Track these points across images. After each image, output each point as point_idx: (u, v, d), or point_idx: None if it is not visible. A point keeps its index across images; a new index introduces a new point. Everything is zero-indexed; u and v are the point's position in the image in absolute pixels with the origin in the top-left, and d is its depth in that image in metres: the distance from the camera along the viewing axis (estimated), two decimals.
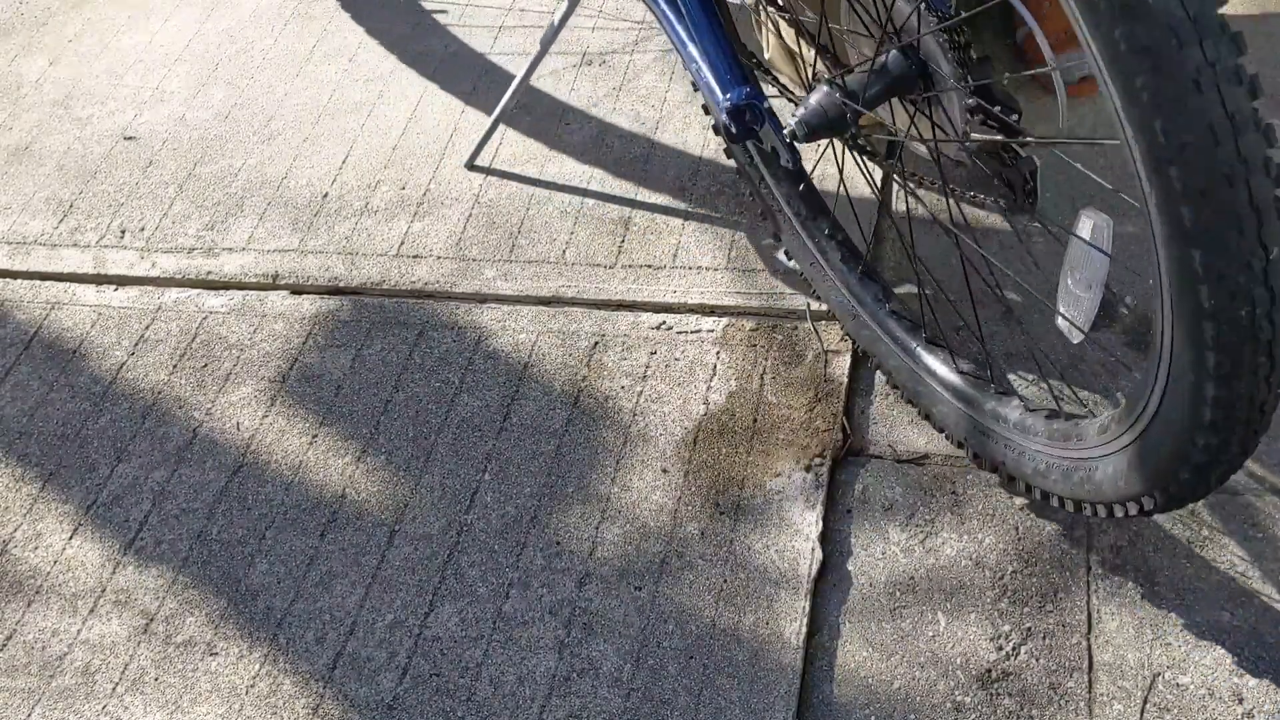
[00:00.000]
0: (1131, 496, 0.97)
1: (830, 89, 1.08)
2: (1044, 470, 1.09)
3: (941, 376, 1.20)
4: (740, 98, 1.11)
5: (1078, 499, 1.05)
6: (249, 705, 1.16)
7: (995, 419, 1.14)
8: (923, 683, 1.09)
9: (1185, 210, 0.75)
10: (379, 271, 1.55)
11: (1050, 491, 1.09)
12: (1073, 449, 1.04)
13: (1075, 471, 1.04)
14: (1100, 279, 1.12)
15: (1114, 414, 0.98)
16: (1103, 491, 1.01)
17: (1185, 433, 0.88)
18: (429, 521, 1.28)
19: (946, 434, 1.23)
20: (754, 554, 1.20)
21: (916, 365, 1.22)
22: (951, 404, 1.19)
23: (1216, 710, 1.04)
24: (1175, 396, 0.87)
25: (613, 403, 1.36)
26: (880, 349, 1.28)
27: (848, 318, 1.32)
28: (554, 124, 1.72)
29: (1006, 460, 1.14)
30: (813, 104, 1.09)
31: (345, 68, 1.89)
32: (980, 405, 1.16)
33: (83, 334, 1.55)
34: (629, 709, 1.11)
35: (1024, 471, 1.12)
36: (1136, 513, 0.99)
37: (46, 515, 1.36)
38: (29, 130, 1.88)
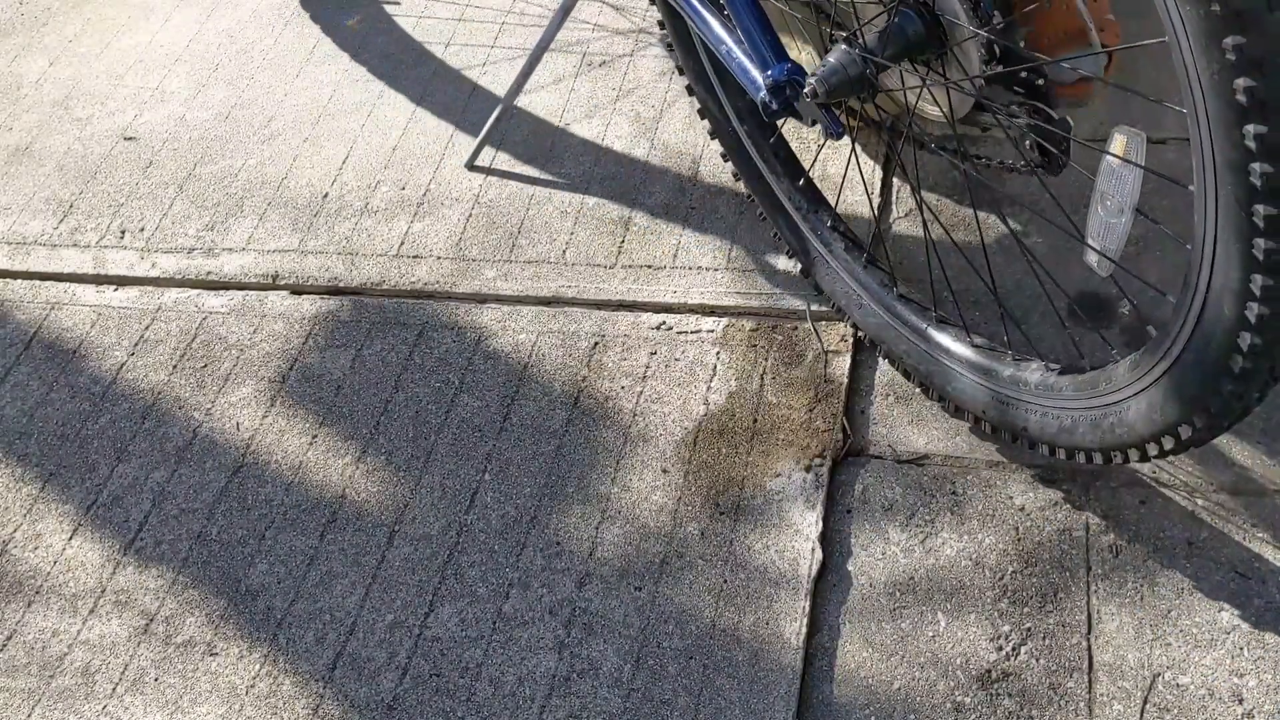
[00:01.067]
0: (1168, 429, 0.97)
1: (848, 47, 1.08)
2: (1070, 426, 1.09)
3: (955, 353, 1.20)
4: (782, 73, 1.13)
5: (1107, 447, 1.05)
6: (249, 705, 1.16)
7: (1015, 385, 1.14)
8: (923, 683, 1.09)
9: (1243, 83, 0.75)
10: (379, 271, 1.55)
11: (1077, 447, 1.09)
12: (1101, 395, 1.04)
13: (1105, 418, 1.04)
14: (1132, 202, 1.11)
15: (1146, 346, 0.98)
16: (1136, 430, 1.01)
17: (1229, 338, 0.87)
18: (429, 521, 1.28)
19: (964, 410, 1.23)
20: (754, 554, 1.20)
21: (929, 345, 1.23)
22: (968, 378, 1.19)
23: (1216, 710, 1.04)
24: (1218, 303, 0.86)
25: (613, 403, 1.36)
26: (889, 334, 1.28)
27: (854, 307, 1.32)
28: (554, 124, 1.72)
29: (1029, 425, 1.14)
30: (831, 62, 1.09)
31: (345, 68, 1.89)
32: (998, 374, 1.16)
33: (83, 334, 1.55)
34: (629, 709, 1.11)
35: (1048, 433, 1.12)
36: (1172, 447, 0.98)
37: (46, 515, 1.36)
38: (29, 130, 1.88)
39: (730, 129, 1.38)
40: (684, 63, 1.38)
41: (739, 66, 1.18)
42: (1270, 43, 0.73)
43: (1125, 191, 1.11)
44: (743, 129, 1.37)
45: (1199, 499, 1.17)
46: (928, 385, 1.26)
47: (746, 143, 1.38)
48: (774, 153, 1.36)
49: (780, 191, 1.36)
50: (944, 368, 1.22)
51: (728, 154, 1.42)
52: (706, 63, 1.35)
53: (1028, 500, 1.20)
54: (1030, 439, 1.15)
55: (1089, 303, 1.34)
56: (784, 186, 1.36)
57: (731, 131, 1.39)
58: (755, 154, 1.37)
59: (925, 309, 1.25)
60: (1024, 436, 1.16)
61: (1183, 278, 0.90)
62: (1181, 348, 0.92)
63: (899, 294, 1.27)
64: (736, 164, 1.41)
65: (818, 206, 1.35)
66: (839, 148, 1.57)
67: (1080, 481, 1.20)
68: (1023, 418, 1.14)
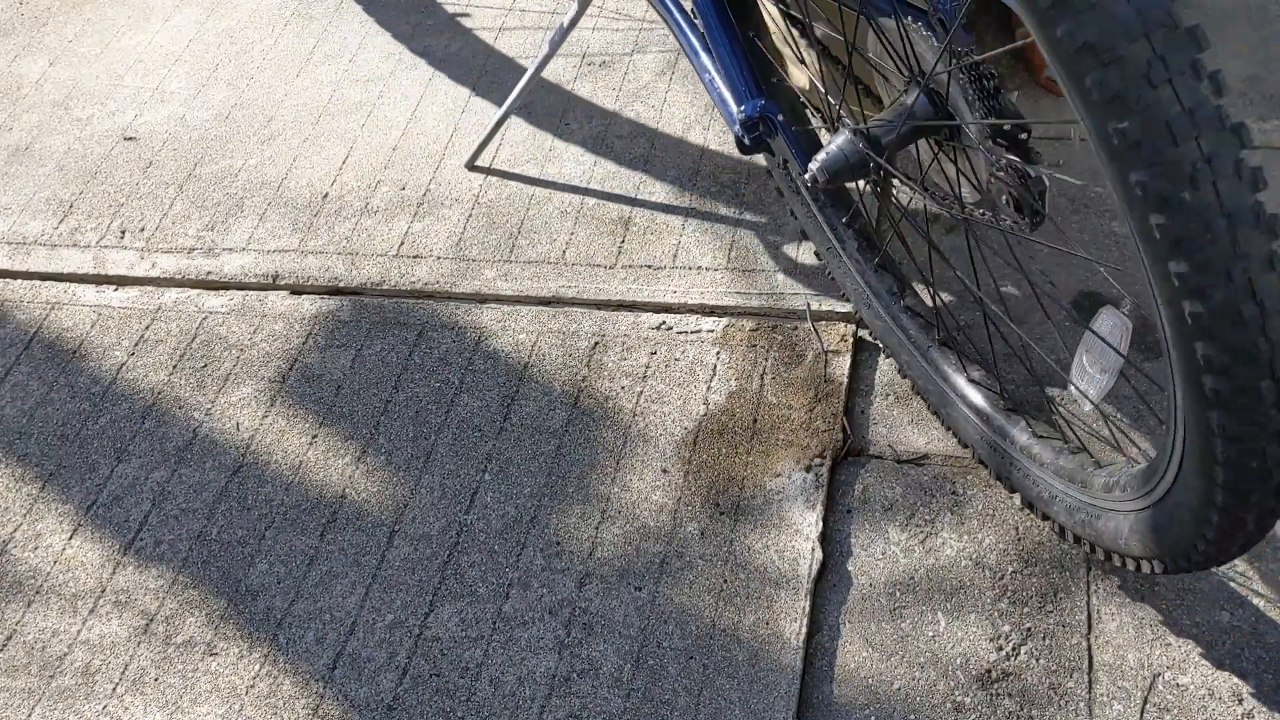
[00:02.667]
0: (1131, 553, 0.98)
1: (854, 136, 1.06)
2: (1048, 498, 1.10)
3: (954, 381, 1.20)
4: (755, 110, 1.12)
5: (1077, 534, 1.07)
6: (249, 705, 1.16)
7: (1004, 436, 1.14)
8: (923, 683, 1.09)
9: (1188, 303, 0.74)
10: (379, 271, 1.55)
11: (1050, 518, 1.11)
12: (1081, 491, 1.04)
13: (1078, 511, 1.05)
14: (1114, 370, 1.12)
15: (1129, 476, 0.97)
16: (1103, 540, 1.02)
17: (1192, 528, 0.87)
18: (429, 521, 1.28)
19: (955, 434, 1.23)
20: (754, 554, 1.20)
21: (930, 365, 1.23)
22: (963, 408, 1.19)
23: (1216, 710, 1.04)
24: (1186, 487, 0.86)
25: (613, 403, 1.36)
26: (892, 341, 1.29)
27: (863, 307, 1.33)
28: (554, 124, 1.72)
29: (1013, 477, 1.15)
30: (834, 149, 1.07)
31: (345, 68, 1.89)
32: (990, 419, 1.16)
33: (83, 334, 1.55)
34: (629, 709, 1.11)
35: (1030, 493, 1.13)
36: (1135, 568, 1.00)
37: (46, 515, 1.36)
38: (29, 130, 1.88)
39: None
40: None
41: (719, 97, 1.18)
42: (1194, 225, 0.71)
43: (1108, 360, 1.12)
44: None
45: None
46: (926, 399, 1.27)
47: None
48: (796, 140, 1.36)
49: (801, 183, 1.37)
50: (942, 390, 1.22)
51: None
52: None
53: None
54: (1011, 487, 1.16)
55: (1089, 303, 1.34)
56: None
57: None
58: None
59: (930, 326, 1.25)
60: (1006, 483, 1.17)
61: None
62: (1155, 501, 0.92)
63: (906, 305, 1.27)
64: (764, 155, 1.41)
65: (834, 201, 1.35)
66: None
67: None
68: (1007, 469, 1.15)
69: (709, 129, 1.66)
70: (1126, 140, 0.70)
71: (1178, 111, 0.69)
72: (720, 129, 1.65)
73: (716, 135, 1.64)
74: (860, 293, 1.31)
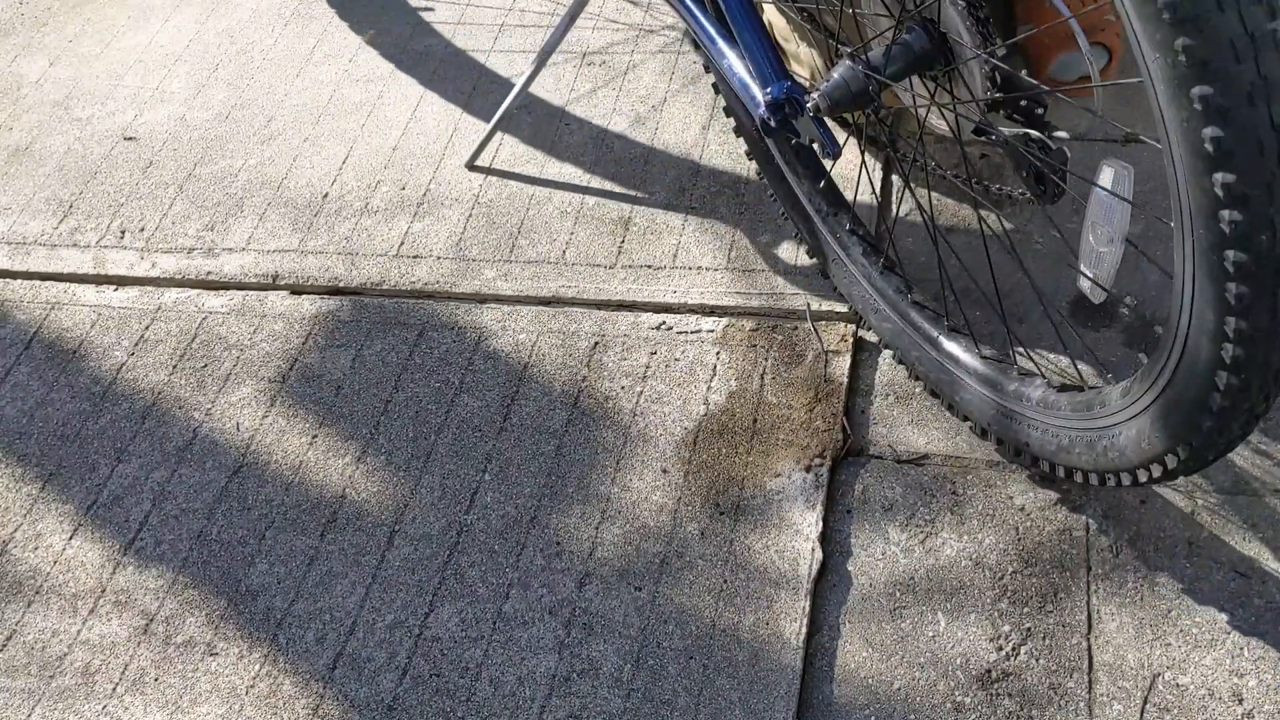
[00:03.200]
0: (1155, 458, 0.98)
1: (852, 62, 1.08)
2: (1067, 445, 1.09)
3: (964, 363, 1.21)
4: (781, 91, 1.13)
5: (1101, 469, 1.06)
6: (249, 705, 1.16)
7: (1018, 399, 1.14)
8: (923, 683, 1.09)
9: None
10: (379, 271, 1.55)
11: (1074, 467, 1.09)
12: (1096, 418, 1.04)
13: (1100, 440, 1.04)
14: (1122, 232, 1.12)
15: (1137, 374, 0.98)
16: (1127, 456, 1.01)
17: (1206, 377, 0.87)
18: (429, 521, 1.28)
19: (972, 422, 1.23)
20: (754, 554, 1.20)
21: (939, 354, 1.23)
22: (975, 389, 1.20)
23: (1216, 710, 1.04)
24: (1196, 341, 0.86)
25: (613, 403, 1.36)
26: (902, 340, 1.29)
27: (870, 311, 1.33)
28: (554, 124, 1.72)
29: (1030, 440, 1.14)
30: (835, 78, 1.09)
31: (345, 68, 1.89)
32: (1003, 388, 1.16)
33: (83, 334, 1.55)
34: (629, 709, 1.11)
35: (1048, 450, 1.12)
36: (1160, 474, 0.99)
37: (46, 515, 1.36)
38: (29, 130, 1.88)
39: (755, 129, 1.39)
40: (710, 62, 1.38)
41: (740, 83, 1.18)
42: (1235, 94, 0.73)
43: (1115, 223, 1.12)
44: None
45: (1199, 499, 1.17)
46: (938, 393, 1.27)
47: (770, 143, 1.38)
48: (795, 154, 1.36)
49: (801, 194, 1.37)
50: (953, 377, 1.22)
51: (752, 152, 1.42)
52: None
53: (1028, 500, 1.20)
54: (1031, 455, 1.15)
55: (1090, 302, 1.34)
56: (805, 188, 1.36)
57: (757, 131, 1.39)
58: (779, 155, 1.38)
59: (939, 316, 1.25)
60: (1025, 453, 1.16)
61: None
62: (1167, 380, 0.92)
63: (913, 300, 1.27)
64: (760, 164, 1.41)
65: (837, 209, 1.35)
66: None
67: (1080, 481, 1.20)
68: (1025, 433, 1.15)
69: (709, 129, 1.66)
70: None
71: None
72: (721, 129, 1.65)
73: (716, 135, 1.64)
74: (867, 298, 1.31)
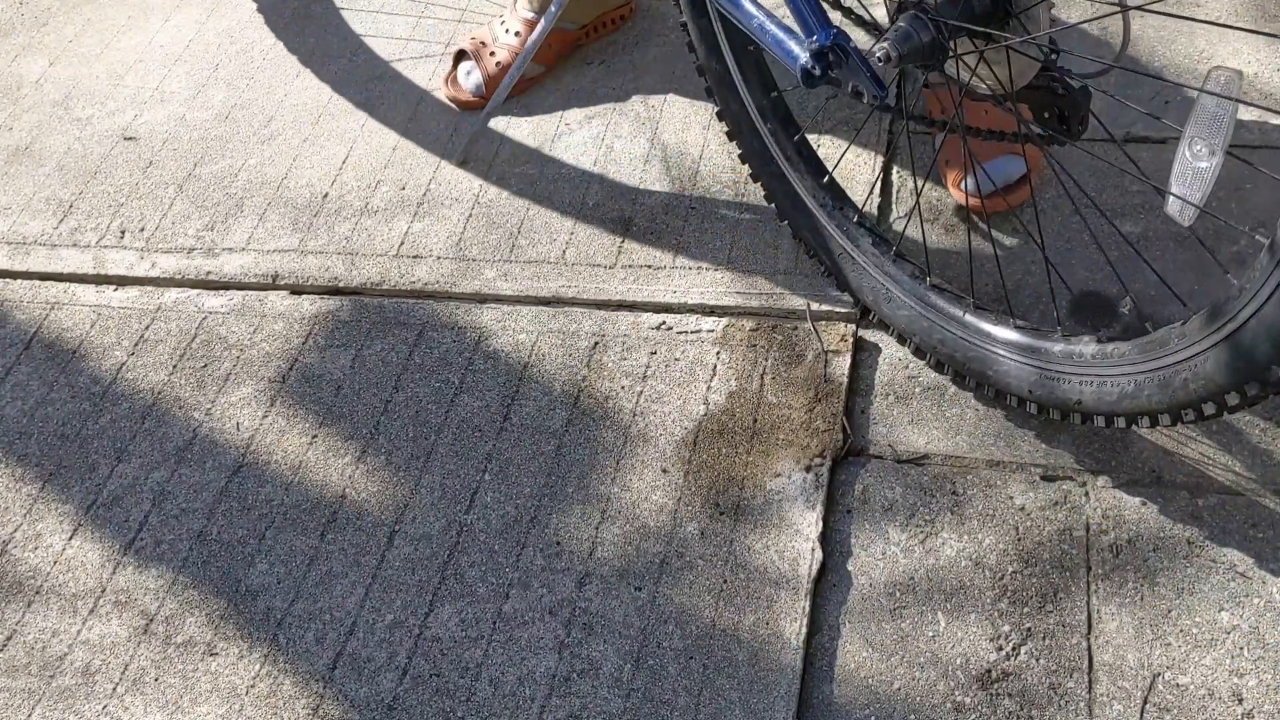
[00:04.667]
0: (1253, 375, 0.99)
1: (919, 12, 1.09)
2: (1133, 391, 1.10)
3: (998, 336, 1.21)
4: (826, 39, 1.14)
5: (1178, 406, 1.07)
6: (249, 705, 1.16)
7: (1068, 359, 1.15)
8: (923, 683, 1.09)
9: None
10: (379, 271, 1.55)
11: (1140, 411, 1.10)
12: (1172, 353, 1.05)
13: (1177, 375, 1.05)
14: (1223, 144, 1.12)
15: (1220, 300, 0.99)
16: (1215, 382, 1.02)
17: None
18: (429, 521, 1.28)
19: (1006, 394, 1.24)
20: (754, 554, 1.20)
21: (967, 332, 1.24)
22: (1012, 360, 1.20)
23: (1216, 710, 1.04)
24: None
25: (613, 403, 1.36)
26: (922, 326, 1.29)
27: (882, 302, 1.33)
28: (554, 124, 1.72)
29: (1083, 397, 1.15)
30: (902, 25, 1.10)
31: (345, 68, 1.89)
32: (1048, 352, 1.17)
33: (83, 334, 1.55)
34: (629, 709, 1.11)
35: (1107, 401, 1.13)
36: (1238, 402, 1.01)
37: (46, 515, 1.36)
38: (29, 130, 1.88)
39: (754, 128, 1.38)
40: (705, 64, 1.38)
41: (774, 40, 1.19)
42: None
43: (1219, 132, 1.11)
44: (766, 127, 1.37)
45: (1199, 499, 1.17)
46: (964, 373, 1.27)
47: (770, 141, 1.38)
48: (797, 150, 1.36)
49: (804, 190, 1.37)
50: (984, 353, 1.22)
51: (747, 156, 1.41)
52: (731, 62, 1.35)
53: (1028, 500, 1.20)
54: (1084, 412, 1.16)
55: (1090, 301, 1.34)
56: (808, 184, 1.36)
57: (754, 130, 1.38)
58: (778, 153, 1.38)
59: (961, 296, 1.26)
60: (1076, 411, 1.17)
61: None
62: (1269, 294, 0.94)
63: (932, 284, 1.27)
64: (756, 165, 1.41)
65: (842, 203, 1.35)
66: (857, 151, 1.57)
67: (1080, 481, 1.20)
68: (1076, 391, 1.15)
69: (709, 128, 1.66)
70: None
71: None
72: (721, 128, 1.65)
73: (717, 135, 1.64)
74: (879, 289, 1.32)
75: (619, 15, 1.83)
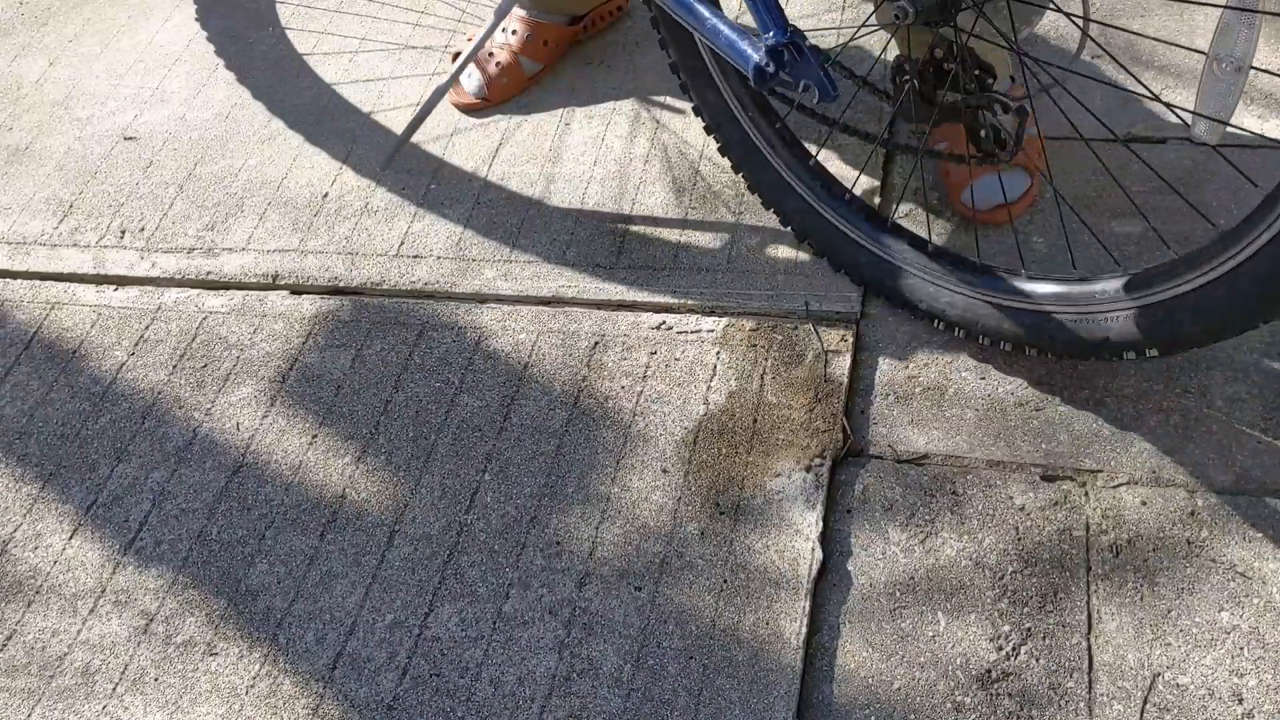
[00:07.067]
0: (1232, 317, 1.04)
1: None
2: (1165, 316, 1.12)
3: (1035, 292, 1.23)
4: (782, 37, 1.16)
5: (1215, 329, 1.09)
6: (249, 705, 1.16)
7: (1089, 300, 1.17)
8: (923, 683, 1.09)
9: None
10: (379, 271, 1.55)
11: (1178, 338, 1.12)
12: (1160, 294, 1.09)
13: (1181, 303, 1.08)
14: (1249, 58, 1.12)
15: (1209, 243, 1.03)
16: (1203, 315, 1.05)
17: None
18: (429, 521, 1.28)
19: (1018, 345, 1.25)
20: (754, 554, 1.20)
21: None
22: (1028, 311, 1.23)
23: (1216, 710, 1.04)
24: None
25: (613, 403, 1.36)
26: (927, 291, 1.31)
27: (884, 276, 1.34)
28: (554, 124, 1.72)
29: (1110, 333, 1.17)
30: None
31: (345, 68, 1.89)
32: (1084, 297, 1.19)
33: (83, 334, 1.55)
34: (629, 709, 1.11)
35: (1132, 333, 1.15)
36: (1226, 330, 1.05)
37: (46, 515, 1.36)
38: (29, 130, 1.88)
39: (734, 118, 1.38)
40: (680, 60, 1.38)
41: (726, 42, 1.20)
42: None
43: (1242, 47, 1.11)
44: (747, 116, 1.38)
45: (1199, 499, 1.17)
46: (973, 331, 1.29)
47: (751, 130, 1.38)
48: (780, 136, 1.36)
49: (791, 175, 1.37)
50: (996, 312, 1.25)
51: (727, 148, 1.42)
52: (708, 55, 1.36)
53: (1028, 500, 1.20)
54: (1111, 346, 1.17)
55: None
56: (795, 169, 1.37)
57: (734, 120, 1.39)
58: (761, 141, 1.38)
59: (961, 260, 1.28)
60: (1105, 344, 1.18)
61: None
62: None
63: (933, 249, 1.29)
64: (738, 156, 1.41)
65: (830, 184, 1.36)
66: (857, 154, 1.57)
67: (1080, 481, 1.20)
68: (1082, 334, 1.17)
69: None
70: None
71: None
72: None
73: None
74: (880, 265, 1.33)
75: (615, 8, 1.83)
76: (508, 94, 1.75)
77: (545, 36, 1.76)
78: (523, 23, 1.76)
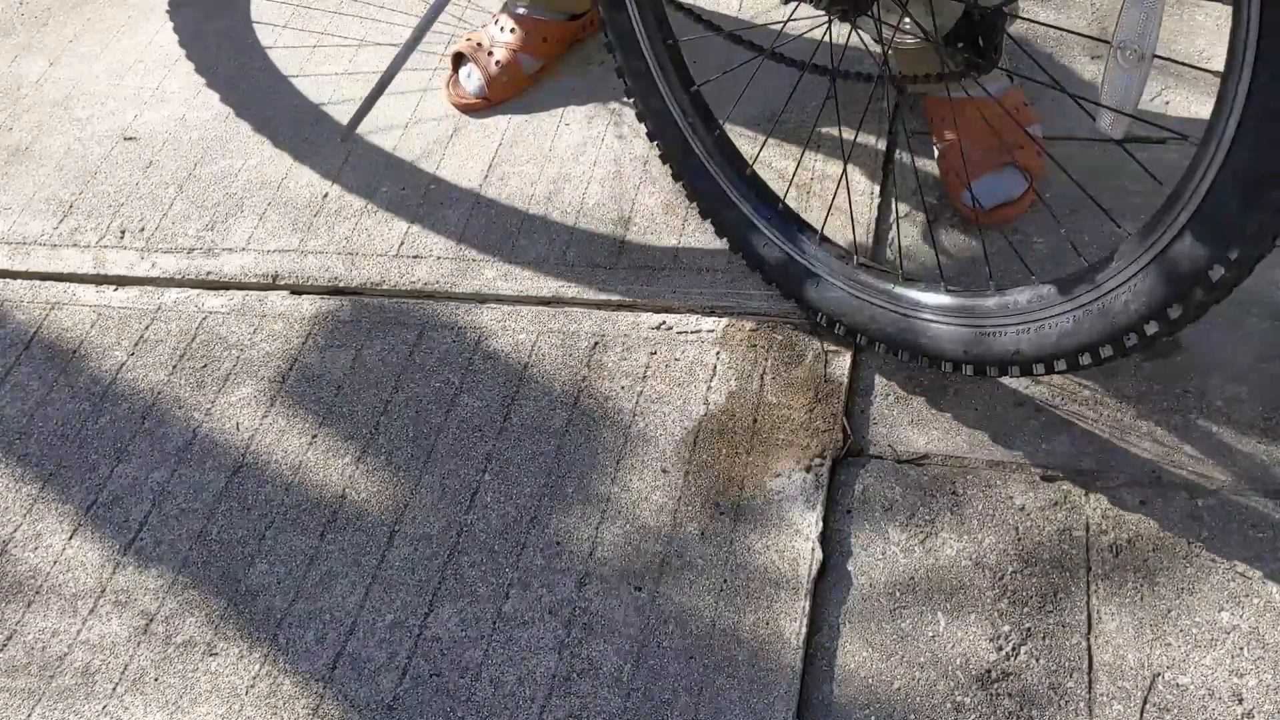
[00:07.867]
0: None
1: None
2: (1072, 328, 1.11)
3: (927, 304, 1.22)
4: None
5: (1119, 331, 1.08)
6: (249, 705, 1.16)
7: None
8: (923, 683, 1.09)
9: None
10: (379, 271, 1.55)
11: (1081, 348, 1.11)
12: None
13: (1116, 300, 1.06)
14: (1152, 46, 1.11)
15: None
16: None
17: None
18: (429, 521, 1.28)
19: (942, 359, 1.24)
20: (754, 554, 1.20)
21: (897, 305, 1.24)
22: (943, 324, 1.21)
23: (1216, 710, 1.04)
24: None
25: (613, 403, 1.36)
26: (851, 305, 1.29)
27: (810, 287, 1.33)
28: (554, 124, 1.72)
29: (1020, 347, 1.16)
30: None
31: (345, 67, 1.89)
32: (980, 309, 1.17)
33: (83, 334, 1.55)
34: (629, 709, 1.11)
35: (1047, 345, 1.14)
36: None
37: (46, 515, 1.36)
38: (29, 130, 1.88)
39: (675, 124, 1.38)
40: (624, 63, 1.37)
41: None
42: None
43: (1146, 35, 1.11)
44: (687, 122, 1.37)
45: (1199, 499, 1.17)
46: (897, 346, 1.27)
47: (690, 136, 1.37)
48: (718, 145, 1.36)
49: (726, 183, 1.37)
50: (914, 323, 1.23)
51: (667, 156, 1.41)
52: (651, 58, 1.35)
53: (1028, 500, 1.20)
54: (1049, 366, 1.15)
55: None
56: (730, 177, 1.36)
57: (675, 127, 1.38)
58: (700, 148, 1.37)
59: (887, 271, 1.26)
60: (1014, 363, 1.17)
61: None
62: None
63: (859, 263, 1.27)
64: (677, 163, 1.41)
65: (765, 195, 1.36)
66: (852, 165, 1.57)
67: (1080, 481, 1.20)
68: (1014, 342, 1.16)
69: None
70: None
71: None
72: None
73: None
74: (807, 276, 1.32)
75: None
76: (508, 93, 1.75)
77: (545, 34, 1.76)
78: (522, 20, 1.76)
